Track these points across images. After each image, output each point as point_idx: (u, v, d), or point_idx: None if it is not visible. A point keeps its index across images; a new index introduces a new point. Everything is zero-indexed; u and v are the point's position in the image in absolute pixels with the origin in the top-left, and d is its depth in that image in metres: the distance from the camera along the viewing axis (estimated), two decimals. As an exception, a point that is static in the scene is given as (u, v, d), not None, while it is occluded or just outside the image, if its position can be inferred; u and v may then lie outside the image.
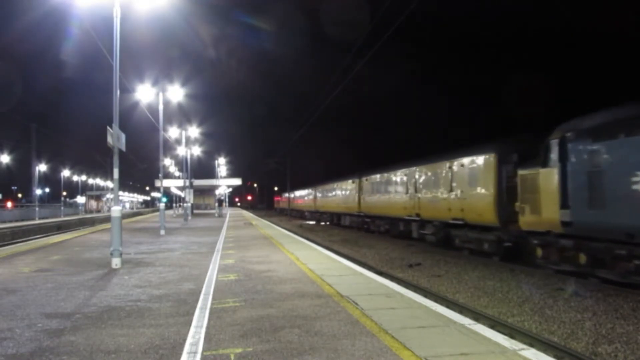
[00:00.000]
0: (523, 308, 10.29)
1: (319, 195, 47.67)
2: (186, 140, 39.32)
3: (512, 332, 8.03)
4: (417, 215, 22.15)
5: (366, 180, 30.76)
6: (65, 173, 72.56)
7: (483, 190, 16.94)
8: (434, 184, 20.85)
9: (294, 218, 61.32)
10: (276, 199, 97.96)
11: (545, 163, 13.14)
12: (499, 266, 15.52)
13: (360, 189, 31.75)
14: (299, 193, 63.57)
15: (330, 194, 42.05)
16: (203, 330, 5.46)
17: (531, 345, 6.35)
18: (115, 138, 11.06)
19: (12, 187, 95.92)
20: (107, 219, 23.83)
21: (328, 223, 43.69)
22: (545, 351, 6.06)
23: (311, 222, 49.21)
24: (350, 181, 34.66)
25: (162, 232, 21.36)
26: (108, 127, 11.07)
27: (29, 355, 4.79)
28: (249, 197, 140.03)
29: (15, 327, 5.74)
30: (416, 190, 22.48)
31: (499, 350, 4.69)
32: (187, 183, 39.97)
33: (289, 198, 70.13)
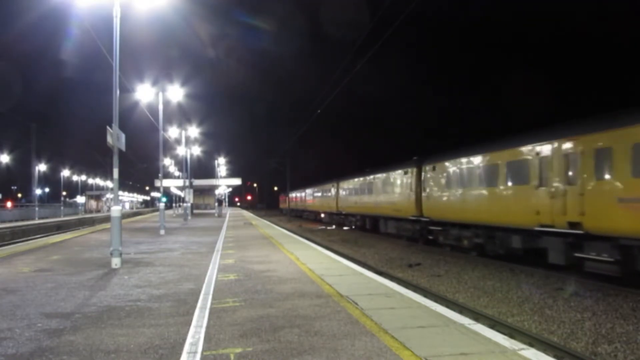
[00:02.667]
0: (523, 308, 10.29)
1: (342, 192, 36.77)
2: (186, 140, 39.32)
3: (512, 332, 8.03)
4: (573, 224, 12.48)
5: (433, 168, 20.80)
6: (65, 173, 72.55)
7: None
8: None
9: (306, 221, 51.07)
10: (282, 198, 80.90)
11: None
12: (498, 266, 15.51)
13: (420, 182, 22.04)
14: (311, 191, 51.93)
15: (361, 191, 31.57)
16: (203, 330, 5.46)
17: (531, 345, 6.36)
18: (115, 138, 11.05)
19: (12, 187, 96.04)
20: (107, 219, 23.84)
21: (353, 228, 34.76)
22: (545, 351, 6.06)
23: (330, 227, 39.32)
24: (400, 172, 24.66)
25: (162, 232, 21.36)
26: (108, 127, 11.07)
27: (29, 355, 4.78)
28: (249, 197, 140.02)
29: (15, 327, 5.73)
30: (569, 180, 12.79)
31: (499, 350, 4.69)
32: (187, 183, 39.97)
33: (297, 197, 61.30)
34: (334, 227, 38.96)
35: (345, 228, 36.32)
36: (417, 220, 22.38)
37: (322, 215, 45.31)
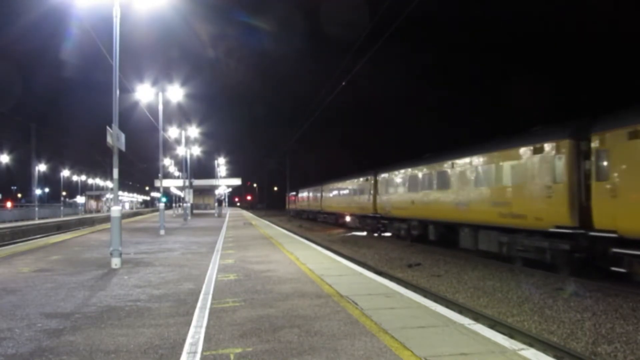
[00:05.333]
0: (523, 308, 10.29)
1: (385, 188, 26.88)
2: (186, 140, 39.33)
3: (511, 332, 8.04)
4: None
5: None
6: (65, 173, 72.64)
7: None
8: None
9: (322, 226, 42.01)
10: (291, 198, 67.91)
11: None
12: (498, 266, 15.51)
13: (596, 164, 12.20)
14: (331, 187, 41.11)
15: (423, 185, 21.77)
16: (203, 330, 5.46)
17: (531, 345, 6.36)
18: (115, 138, 11.05)
19: (12, 187, 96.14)
20: (107, 219, 23.85)
21: (402, 236, 24.67)
22: (544, 351, 6.06)
23: (359, 233, 30.51)
24: (525, 149, 14.76)
25: (162, 232, 21.35)
26: (108, 127, 11.07)
27: (29, 355, 4.78)
28: (249, 197, 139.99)
29: (15, 327, 5.73)
30: None
31: (499, 350, 4.69)
32: (187, 183, 39.97)
33: (310, 196, 51.33)
34: (364, 234, 29.92)
35: (386, 235, 27.23)
36: (578, 235, 12.65)
37: (348, 218, 35.17)
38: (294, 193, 64.79)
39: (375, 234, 28.39)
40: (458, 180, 18.64)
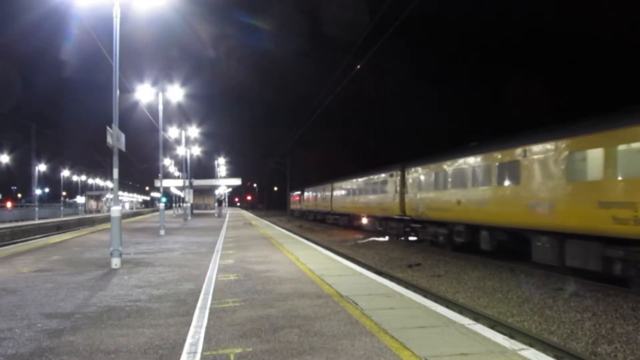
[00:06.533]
0: (523, 308, 10.29)
1: (415, 186, 22.23)
2: (186, 140, 39.33)
3: (511, 332, 8.03)
4: None
5: None
6: (65, 173, 72.66)
7: None
8: None
9: (332, 228, 36.80)
10: (295, 198, 63.31)
11: None
12: (498, 266, 15.49)
13: None
14: (343, 186, 36.07)
15: (475, 181, 17.17)
16: (203, 330, 5.46)
17: (531, 345, 6.35)
18: (115, 138, 11.06)
19: (12, 187, 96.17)
20: (107, 219, 23.86)
21: (441, 242, 20.07)
22: (545, 351, 6.06)
23: (379, 239, 25.70)
24: None
25: (162, 232, 21.36)
26: (108, 127, 11.08)
27: (29, 355, 4.78)
28: (249, 197, 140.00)
29: (15, 327, 5.73)
30: None
31: (499, 350, 4.69)
32: (187, 183, 39.97)
33: (318, 196, 46.00)
34: (386, 238, 25.56)
35: (411, 238, 23.09)
36: None
37: (365, 220, 30.77)
38: (298, 192, 60.47)
39: (401, 239, 24.13)
40: (534, 173, 13.93)
